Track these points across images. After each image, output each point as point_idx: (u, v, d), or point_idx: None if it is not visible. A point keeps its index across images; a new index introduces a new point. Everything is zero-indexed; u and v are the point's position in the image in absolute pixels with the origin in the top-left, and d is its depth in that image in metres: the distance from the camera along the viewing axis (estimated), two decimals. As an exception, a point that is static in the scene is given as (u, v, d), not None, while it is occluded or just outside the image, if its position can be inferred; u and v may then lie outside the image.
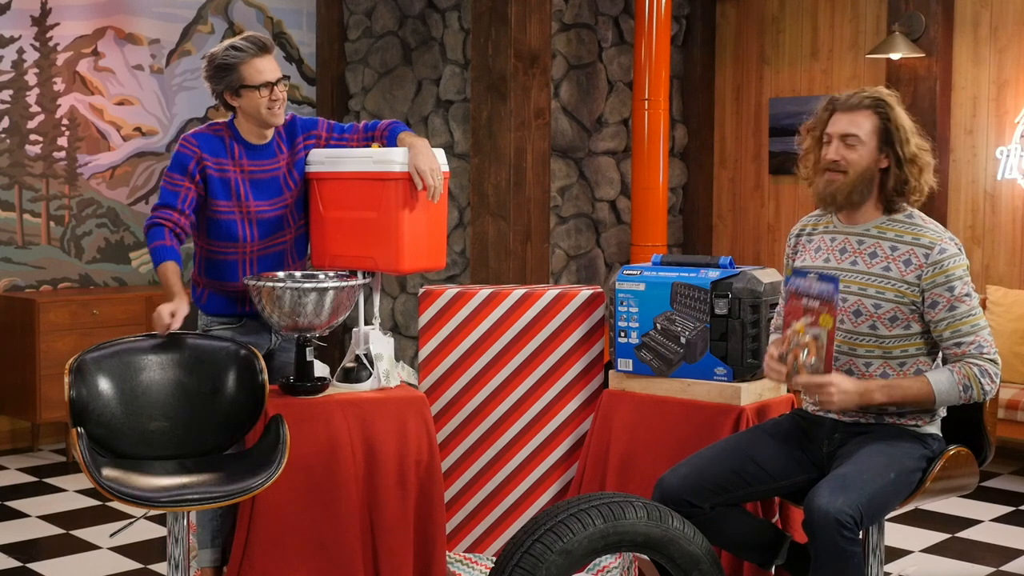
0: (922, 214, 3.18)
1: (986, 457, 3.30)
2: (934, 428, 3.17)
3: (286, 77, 3.67)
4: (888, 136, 3.11)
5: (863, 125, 3.11)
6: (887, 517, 3.22)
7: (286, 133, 3.72)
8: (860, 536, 2.91)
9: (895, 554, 4.52)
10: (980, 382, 3.04)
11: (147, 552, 4.50)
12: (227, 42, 3.62)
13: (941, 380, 3.04)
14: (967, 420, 3.27)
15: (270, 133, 3.70)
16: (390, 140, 3.73)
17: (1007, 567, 4.41)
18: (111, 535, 4.61)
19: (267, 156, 3.66)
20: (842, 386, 3.02)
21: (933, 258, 3.06)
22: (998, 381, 3.07)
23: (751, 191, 7.17)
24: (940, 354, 3.17)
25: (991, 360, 3.07)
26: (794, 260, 3.33)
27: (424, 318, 4.11)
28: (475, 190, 5.94)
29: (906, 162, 3.10)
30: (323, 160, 3.75)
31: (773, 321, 3.42)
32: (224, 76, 3.58)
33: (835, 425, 3.18)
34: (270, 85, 3.57)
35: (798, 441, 3.20)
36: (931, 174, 3.14)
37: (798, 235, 3.35)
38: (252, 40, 3.59)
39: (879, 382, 3.07)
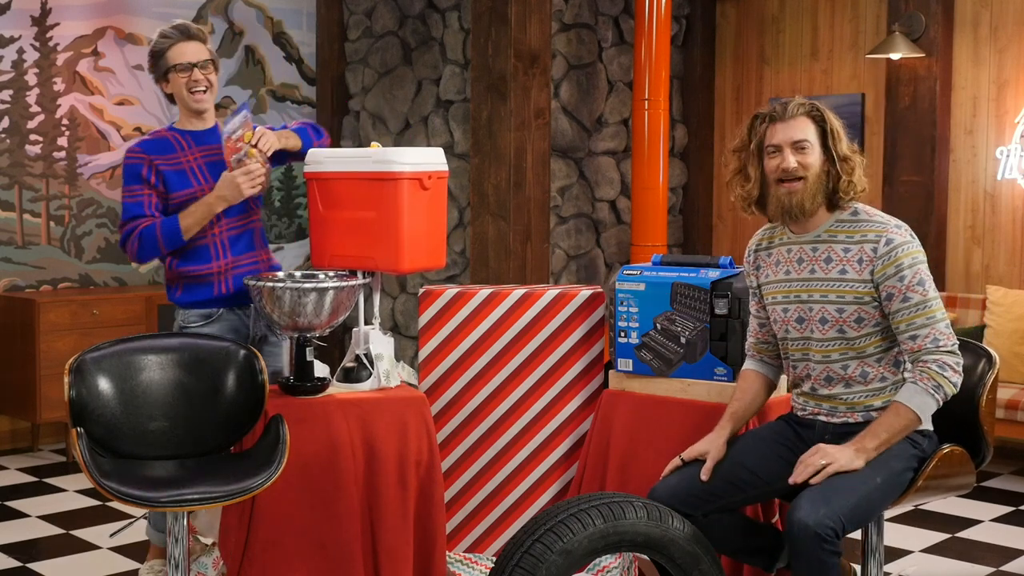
0: (867, 207, 3.16)
1: (984, 457, 3.28)
2: (926, 425, 3.13)
3: (213, 62, 3.77)
4: (825, 139, 3.14)
5: (806, 130, 3.14)
6: (888, 517, 3.22)
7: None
8: (840, 545, 2.90)
9: (895, 554, 4.52)
10: (944, 377, 3.01)
11: (147, 552, 4.50)
12: (158, 30, 3.78)
13: (912, 397, 3.02)
14: (963, 420, 3.26)
15: (209, 119, 3.81)
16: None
17: (1007, 567, 4.41)
18: (111, 535, 4.61)
19: (214, 140, 3.75)
20: (832, 447, 3.02)
21: (880, 251, 3.05)
22: (961, 370, 3.04)
23: (751, 191, 7.17)
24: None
25: (949, 352, 3.02)
26: (756, 277, 3.33)
27: (424, 318, 4.11)
28: (475, 190, 5.95)
29: (840, 162, 3.12)
30: (322, 160, 3.75)
31: (751, 318, 3.42)
32: (156, 62, 3.76)
33: (824, 427, 3.18)
34: (189, 66, 3.69)
35: (790, 444, 3.20)
36: (861, 173, 3.13)
37: (756, 250, 3.34)
38: (178, 27, 3.76)
39: (862, 434, 3.05)
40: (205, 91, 3.74)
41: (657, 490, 3.20)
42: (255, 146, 3.65)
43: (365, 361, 3.69)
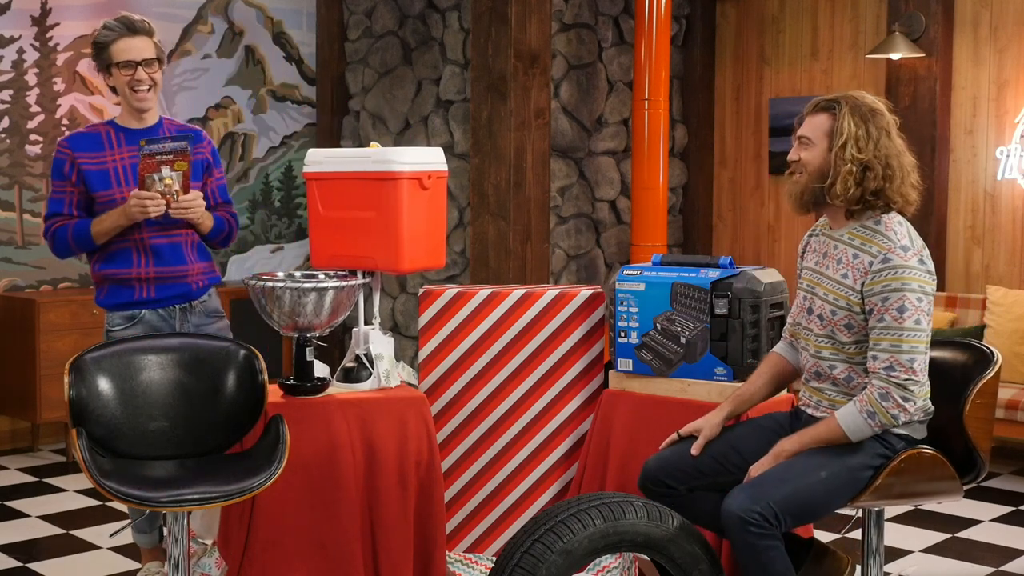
0: (892, 221, 3.11)
1: (978, 468, 3.18)
2: (906, 429, 3.09)
3: (159, 60, 3.73)
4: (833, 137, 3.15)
5: (817, 127, 3.15)
6: (888, 517, 3.20)
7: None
8: (774, 530, 2.93)
9: (895, 554, 4.52)
10: (882, 406, 2.99)
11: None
12: (103, 21, 3.74)
13: (846, 415, 3.04)
14: (950, 424, 3.17)
15: (149, 118, 3.76)
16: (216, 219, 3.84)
17: (1007, 567, 4.41)
18: (111, 535, 4.61)
19: None
20: (755, 465, 3.09)
21: (876, 266, 3.04)
22: (911, 406, 2.99)
23: (751, 191, 7.17)
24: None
25: (897, 384, 2.98)
26: (803, 260, 3.36)
27: (424, 318, 4.11)
28: (475, 190, 5.94)
29: (833, 165, 3.10)
30: (322, 160, 3.75)
31: (790, 318, 3.41)
32: (99, 55, 3.71)
33: (809, 420, 3.21)
34: (133, 64, 3.65)
35: (783, 434, 3.22)
36: (877, 183, 3.07)
37: (810, 235, 3.37)
38: (122, 20, 3.70)
39: (790, 436, 3.11)
40: (148, 89, 3.69)
41: (649, 462, 3.29)
42: (176, 194, 3.59)
43: (365, 361, 3.69)
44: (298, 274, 3.64)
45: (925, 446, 3.11)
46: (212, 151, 3.88)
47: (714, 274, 3.62)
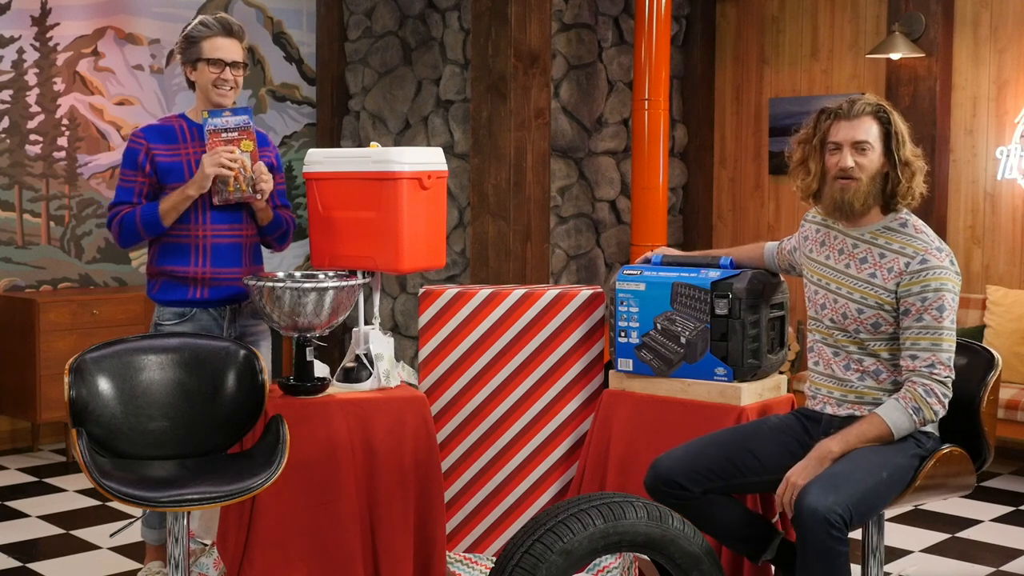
0: (918, 223, 3.18)
1: (985, 459, 3.28)
2: (930, 427, 3.17)
3: (245, 65, 3.78)
4: (888, 141, 3.16)
5: (871, 131, 3.16)
6: (888, 517, 3.22)
7: None
8: (847, 536, 2.92)
9: (895, 554, 4.52)
10: (927, 402, 3.04)
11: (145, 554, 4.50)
12: (200, 17, 3.78)
13: (891, 412, 3.06)
14: (964, 422, 3.25)
15: None
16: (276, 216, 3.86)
17: (1007, 567, 4.42)
18: (111, 535, 4.61)
19: None
20: (796, 470, 3.06)
21: (913, 267, 3.08)
22: (947, 403, 3.07)
23: (751, 191, 7.17)
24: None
25: (939, 381, 3.05)
26: (802, 237, 3.37)
27: (424, 318, 4.11)
28: (475, 190, 5.94)
29: (901, 166, 3.14)
30: (321, 160, 3.75)
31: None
32: (188, 48, 3.75)
33: (831, 420, 3.21)
34: (222, 64, 3.69)
35: (796, 437, 3.23)
36: (921, 180, 3.17)
37: (811, 220, 3.38)
38: (220, 20, 3.75)
39: (830, 438, 3.09)
40: (230, 89, 3.74)
41: (661, 460, 3.24)
42: (246, 169, 3.64)
43: (365, 361, 3.69)
44: (298, 274, 3.64)
45: (949, 445, 3.19)
46: (276, 155, 3.91)
47: (714, 274, 3.62)
